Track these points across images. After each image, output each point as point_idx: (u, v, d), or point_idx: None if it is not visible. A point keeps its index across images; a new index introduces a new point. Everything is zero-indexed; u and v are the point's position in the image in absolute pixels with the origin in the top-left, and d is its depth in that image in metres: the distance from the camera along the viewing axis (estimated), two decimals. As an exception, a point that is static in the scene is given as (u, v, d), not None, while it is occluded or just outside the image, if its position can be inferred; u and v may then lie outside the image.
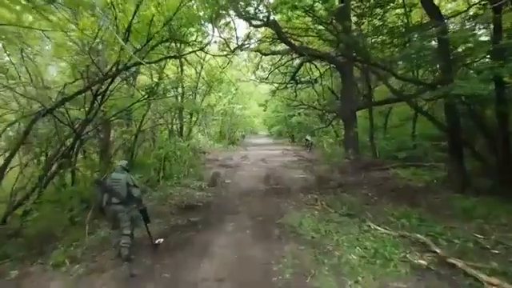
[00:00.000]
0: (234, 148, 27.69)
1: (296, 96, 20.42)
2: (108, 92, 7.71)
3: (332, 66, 17.21)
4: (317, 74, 20.12)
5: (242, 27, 71.88)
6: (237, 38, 16.49)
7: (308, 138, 23.82)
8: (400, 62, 9.83)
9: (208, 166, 16.45)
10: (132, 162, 11.73)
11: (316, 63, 17.67)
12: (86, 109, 7.39)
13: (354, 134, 14.83)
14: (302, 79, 20.09)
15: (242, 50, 16.62)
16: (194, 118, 19.66)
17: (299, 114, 26.56)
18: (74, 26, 7.18)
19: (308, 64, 18.97)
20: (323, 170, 13.99)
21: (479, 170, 9.81)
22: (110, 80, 7.37)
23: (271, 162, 18.25)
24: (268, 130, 45.61)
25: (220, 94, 24.49)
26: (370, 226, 6.71)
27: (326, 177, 12.49)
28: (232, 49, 16.84)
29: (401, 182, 10.56)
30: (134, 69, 9.77)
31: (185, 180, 12.04)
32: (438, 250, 5.29)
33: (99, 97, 7.37)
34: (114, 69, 7.08)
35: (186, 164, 13.22)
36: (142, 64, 7.79)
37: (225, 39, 16.88)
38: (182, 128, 16.96)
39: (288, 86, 20.08)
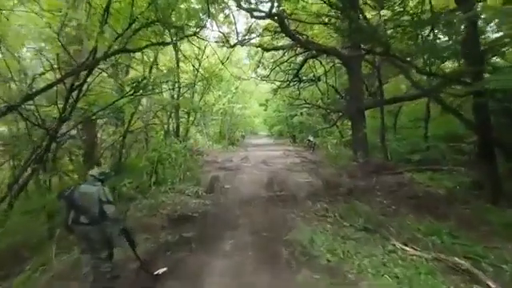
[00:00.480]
0: (233, 149, 26.59)
1: (299, 94, 19.29)
2: (86, 86, 6.55)
3: (338, 62, 16.14)
4: (320, 71, 19.05)
5: (242, 22, 68.77)
6: (237, 32, 15.42)
7: (311, 138, 22.73)
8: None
9: (206, 169, 15.35)
10: (120, 165, 10.62)
11: (321, 59, 16.52)
12: (61, 106, 6.25)
13: (362, 135, 13.74)
14: (304, 77, 18.97)
15: (242, 45, 15.55)
16: (191, 118, 18.56)
17: (301, 113, 25.46)
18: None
19: (311, 61, 17.90)
20: (330, 174, 12.88)
21: (507, 173, 8.71)
22: (87, 72, 6.20)
23: (273, 164, 17.15)
24: (269, 130, 44.45)
25: (219, 93, 23.41)
26: (395, 246, 5.60)
27: (333, 181, 11.38)
28: (232, 44, 15.80)
29: (419, 189, 9.42)
30: (114, 58, 8.50)
31: (180, 185, 10.95)
32: (491, 284, 4.19)
33: (75, 92, 6.24)
34: (91, 58, 5.94)
35: (182, 167, 12.11)
36: (123, 52, 6.67)
37: (224, 34, 15.84)
38: (178, 128, 15.84)
39: (291, 84, 18.96)
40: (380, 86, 12.51)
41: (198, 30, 10.02)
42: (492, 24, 8.26)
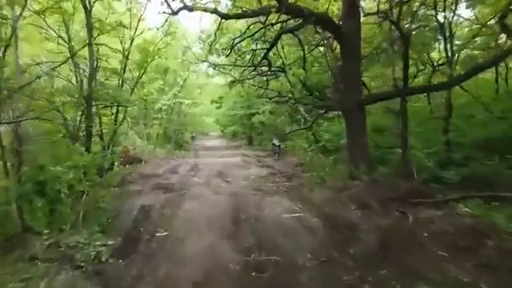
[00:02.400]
0: (181, 154, 21.15)
1: (267, 84, 14.30)
2: None
3: (327, 37, 11.51)
4: (290, 57, 14.46)
5: None
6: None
7: (276, 142, 17.93)
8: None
9: (137, 189, 10.07)
10: None
11: (300, 36, 11.61)
12: None
13: (363, 140, 9.28)
14: (275, 66, 14.07)
15: (190, 11, 10.39)
16: (120, 115, 13.03)
17: (263, 111, 20.65)
18: None
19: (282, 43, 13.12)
20: (324, 200, 8.17)
21: None
22: None
23: (233, 178, 12.18)
24: (222, 131, 38.88)
25: (160, 83, 17.84)
26: None
27: (339, 219, 6.75)
28: (175, 10, 10.67)
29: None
30: None
31: (73, 235, 5.70)
32: None
33: None
34: None
35: (84, 199, 6.79)
36: None
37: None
38: (89, 129, 10.21)
39: (256, 70, 14.01)
40: (405, 68, 7.94)
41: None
42: None
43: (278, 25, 10.68)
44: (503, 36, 9.43)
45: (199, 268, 4.64)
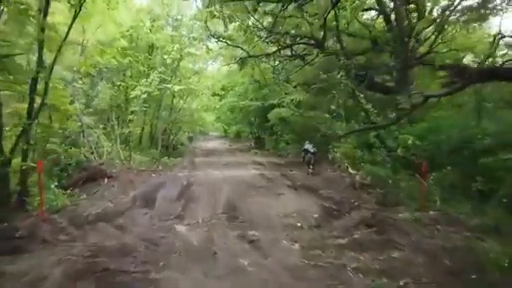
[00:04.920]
0: (171, 161, 14.58)
1: (319, 45, 7.58)
2: None
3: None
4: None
5: None
6: None
7: (309, 147, 11.45)
8: None
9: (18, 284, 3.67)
10: None
11: None
12: None
13: None
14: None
15: None
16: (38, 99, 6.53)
17: (288, 103, 14.10)
18: None
19: None
20: None
21: None
22: None
23: (260, 225, 5.85)
24: (225, 131, 31.72)
25: (123, 43, 11.20)
26: None
27: None
28: None
29: None
30: None
31: None
32: None
33: None
34: None
35: None
36: None
37: None
38: None
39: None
40: None
41: None
42: None
43: None
44: None
45: None
